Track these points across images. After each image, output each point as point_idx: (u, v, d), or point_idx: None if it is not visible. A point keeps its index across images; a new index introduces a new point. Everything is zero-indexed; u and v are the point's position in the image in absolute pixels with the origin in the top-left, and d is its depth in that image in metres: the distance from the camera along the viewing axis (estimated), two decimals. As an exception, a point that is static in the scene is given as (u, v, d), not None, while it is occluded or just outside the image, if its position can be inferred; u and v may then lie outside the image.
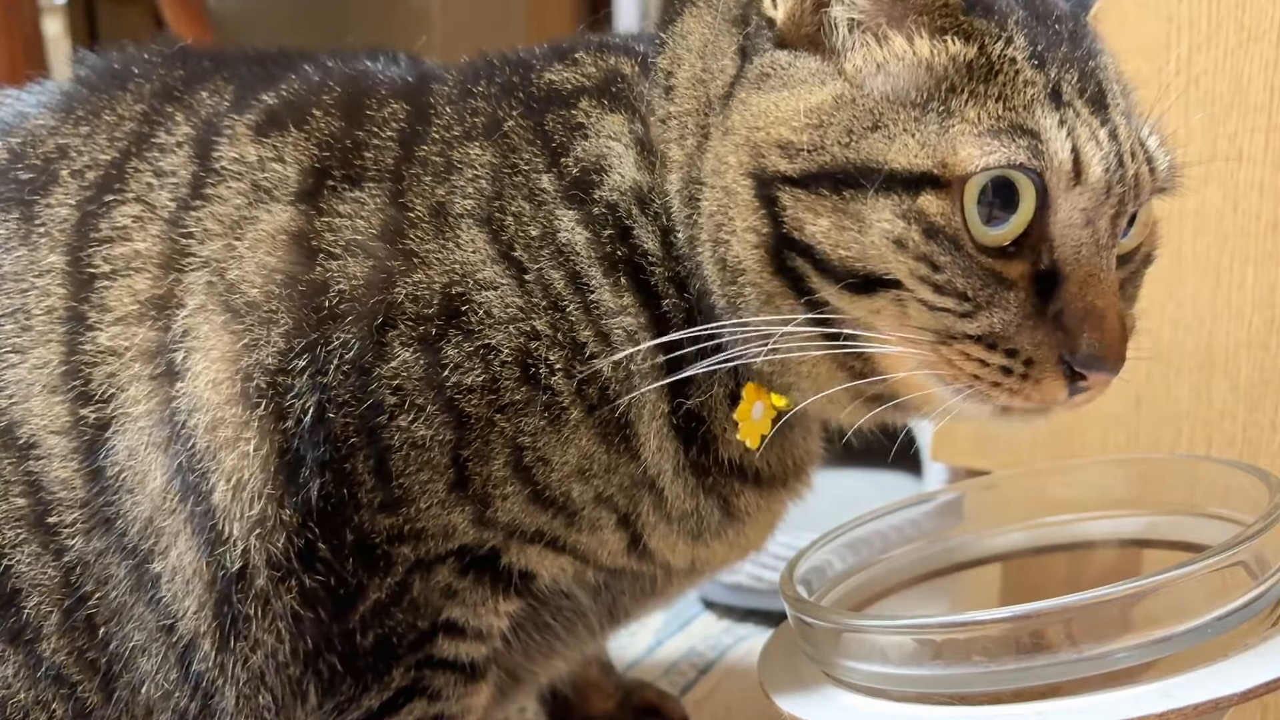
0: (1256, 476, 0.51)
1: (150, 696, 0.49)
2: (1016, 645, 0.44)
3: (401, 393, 0.46)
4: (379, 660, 0.50)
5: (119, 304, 0.47)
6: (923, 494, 0.64)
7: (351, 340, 0.46)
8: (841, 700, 0.49)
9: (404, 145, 0.49)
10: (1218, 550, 0.44)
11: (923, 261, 0.42)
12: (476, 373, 0.46)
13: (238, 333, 0.46)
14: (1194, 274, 0.66)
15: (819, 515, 0.89)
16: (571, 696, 0.69)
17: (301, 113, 0.50)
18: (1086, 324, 0.42)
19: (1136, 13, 0.66)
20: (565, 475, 0.48)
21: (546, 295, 0.47)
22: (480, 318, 0.46)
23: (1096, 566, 0.61)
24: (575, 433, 0.48)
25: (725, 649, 0.80)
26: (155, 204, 0.49)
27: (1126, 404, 0.69)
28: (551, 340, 0.47)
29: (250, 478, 0.46)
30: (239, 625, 0.47)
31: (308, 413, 0.46)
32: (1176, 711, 0.41)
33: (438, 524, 0.49)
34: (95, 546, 0.47)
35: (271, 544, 0.46)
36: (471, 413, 0.47)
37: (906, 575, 0.61)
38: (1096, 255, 0.43)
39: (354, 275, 0.46)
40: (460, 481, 0.48)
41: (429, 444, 0.47)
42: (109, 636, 0.48)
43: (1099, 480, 0.60)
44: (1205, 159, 0.65)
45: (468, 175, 0.48)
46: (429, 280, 0.46)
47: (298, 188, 0.48)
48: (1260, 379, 0.65)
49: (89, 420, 0.47)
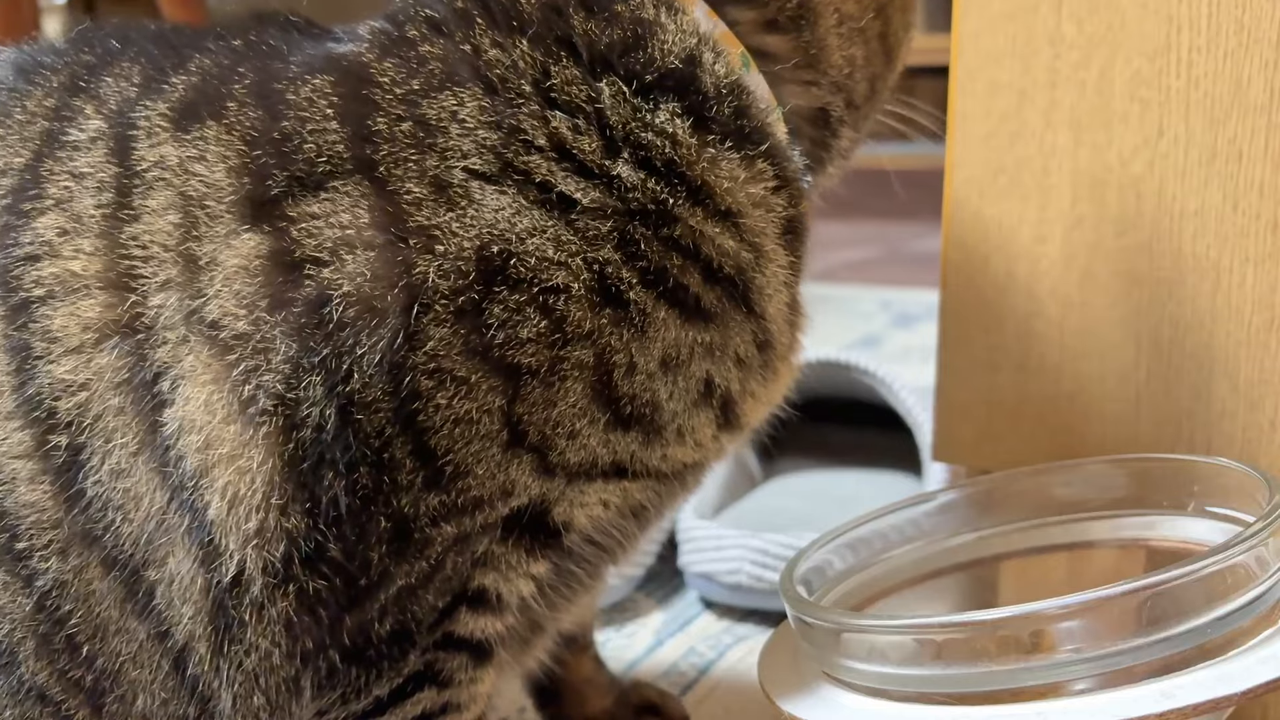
0: (1256, 476, 0.51)
1: (146, 707, 0.47)
2: (1017, 645, 0.44)
3: (439, 374, 0.43)
4: (394, 647, 0.48)
5: (66, 333, 0.44)
6: (923, 494, 0.64)
7: (378, 342, 0.43)
8: (841, 700, 0.49)
9: (350, 123, 0.45)
10: (1218, 550, 0.44)
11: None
12: (534, 321, 0.43)
13: (230, 363, 0.43)
14: (1194, 274, 0.66)
15: (819, 515, 0.89)
16: (569, 695, 0.69)
17: (217, 102, 0.46)
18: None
19: (1136, 13, 0.66)
20: (648, 374, 0.46)
21: (617, 207, 0.45)
22: (533, 265, 0.43)
23: (1096, 566, 0.61)
24: (664, 329, 0.45)
25: (725, 649, 0.80)
26: (79, 213, 0.45)
27: (1126, 404, 0.70)
28: (629, 255, 0.44)
29: (248, 493, 0.44)
30: (233, 630, 0.46)
31: (328, 419, 0.43)
32: (1176, 711, 0.41)
33: (495, 485, 0.46)
34: (73, 565, 0.45)
35: (269, 554, 0.44)
36: (528, 363, 0.44)
37: (906, 575, 0.61)
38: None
39: (357, 274, 0.43)
40: (516, 438, 0.45)
41: (475, 415, 0.44)
42: (93, 654, 0.46)
43: (1099, 480, 0.60)
44: (1205, 159, 0.65)
45: (456, 132, 0.45)
46: (458, 249, 0.43)
47: (237, 196, 0.44)
48: (1260, 379, 0.65)
49: (60, 445, 0.44)
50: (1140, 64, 0.66)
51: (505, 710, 0.72)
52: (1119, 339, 0.69)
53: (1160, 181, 0.67)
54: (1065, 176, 0.70)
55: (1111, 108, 0.68)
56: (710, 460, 0.54)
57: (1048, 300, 0.72)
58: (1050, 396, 0.72)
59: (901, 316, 1.86)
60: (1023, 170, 0.71)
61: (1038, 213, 0.71)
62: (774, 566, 0.81)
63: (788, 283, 0.50)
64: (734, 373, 0.49)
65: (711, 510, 0.92)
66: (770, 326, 0.49)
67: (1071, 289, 0.71)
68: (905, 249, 2.70)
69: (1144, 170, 0.67)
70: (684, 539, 0.88)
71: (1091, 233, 0.69)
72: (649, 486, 0.51)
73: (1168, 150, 0.66)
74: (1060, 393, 0.72)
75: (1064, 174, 0.70)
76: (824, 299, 2.03)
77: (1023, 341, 0.73)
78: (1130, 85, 0.67)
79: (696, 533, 0.87)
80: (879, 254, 2.64)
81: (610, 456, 0.48)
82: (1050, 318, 0.72)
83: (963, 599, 0.63)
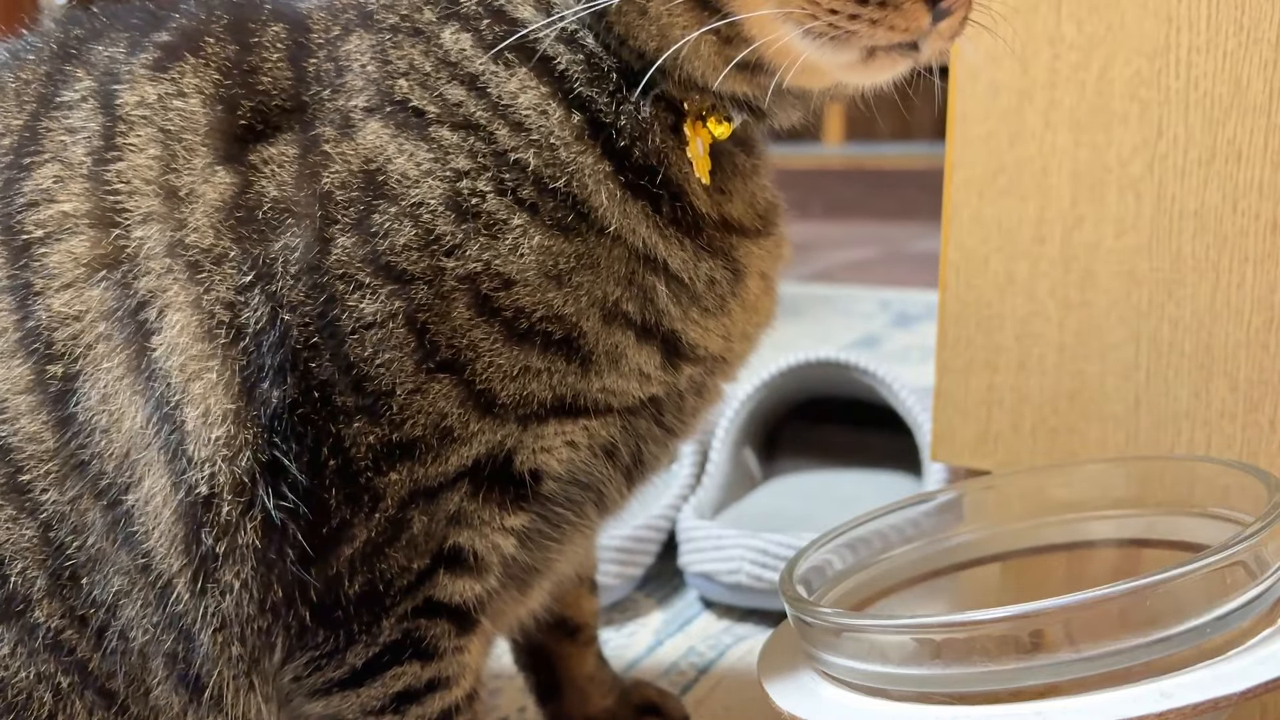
0: (1256, 476, 0.51)
1: (141, 643, 0.48)
2: (1016, 645, 0.44)
3: (347, 277, 0.47)
4: (366, 610, 0.49)
5: (62, 269, 0.48)
6: (923, 494, 0.65)
7: (296, 241, 0.47)
8: (841, 700, 0.49)
9: (293, 64, 0.50)
10: (1218, 550, 0.44)
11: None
12: (408, 230, 0.47)
13: (200, 280, 0.47)
14: (1193, 274, 0.66)
15: (819, 515, 0.89)
16: (571, 693, 0.69)
17: (195, 41, 0.51)
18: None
19: (1136, 13, 0.66)
20: (533, 286, 0.48)
21: (454, 122, 0.48)
22: (399, 179, 0.47)
23: (1096, 566, 0.61)
24: (524, 237, 0.47)
25: (725, 649, 0.80)
26: (71, 161, 0.50)
27: (1126, 404, 0.70)
28: (476, 168, 0.48)
29: (215, 403, 0.47)
30: (208, 565, 0.47)
31: (260, 322, 0.47)
32: (1176, 711, 0.41)
33: (427, 420, 0.48)
34: (69, 494, 0.48)
35: (235, 467, 0.47)
36: (412, 270, 0.47)
37: (906, 575, 0.62)
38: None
39: (281, 182, 0.48)
40: (427, 350, 0.47)
41: (381, 318, 0.47)
42: (91, 586, 0.48)
43: (1099, 480, 0.60)
44: (1204, 159, 0.65)
45: (354, 69, 0.50)
46: (348, 167, 0.48)
47: (210, 125, 0.49)
48: (1260, 379, 0.65)
49: (57, 375, 0.48)
50: (1140, 64, 0.67)
51: (505, 709, 0.72)
52: (1119, 339, 0.69)
53: (1160, 182, 0.67)
54: (1065, 176, 0.70)
55: (1111, 108, 0.68)
56: (687, 398, 0.54)
57: (1048, 300, 0.72)
58: (1050, 396, 0.72)
59: (901, 316, 1.86)
60: (1023, 170, 0.71)
61: (1038, 213, 0.71)
62: (774, 566, 0.81)
63: (637, 212, 0.49)
64: (622, 293, 0.49)
65: (711, 510, 0.92)
66: (635, 242, 0.49)
67: (1071, 289, 0.71)
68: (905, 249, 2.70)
69: (1143, 171, 0.67)
70: (684, 539, 0.88)
71: (1091, 233, 0.69)
72: (611, 423, 0.52)
73: (1167, 151, 0.66)
74: (1060, 393, 0.72)
75: (1064, 174, 0.70)
76: (824, 299, 2.03)
77: (1023, 341, 0.73)
78: (1130, 85, 0.67)
79: (696, 533, 0.87)
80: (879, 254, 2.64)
81: (547, 390, 0.49)
82: (1050, 318, 0.72)
83: (963, 599, 0.63)
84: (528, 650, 0.69)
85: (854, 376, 0.98)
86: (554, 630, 0.67)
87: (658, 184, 0.49)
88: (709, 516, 0.91)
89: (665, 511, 0.92)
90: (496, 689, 0.74)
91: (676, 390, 0.53)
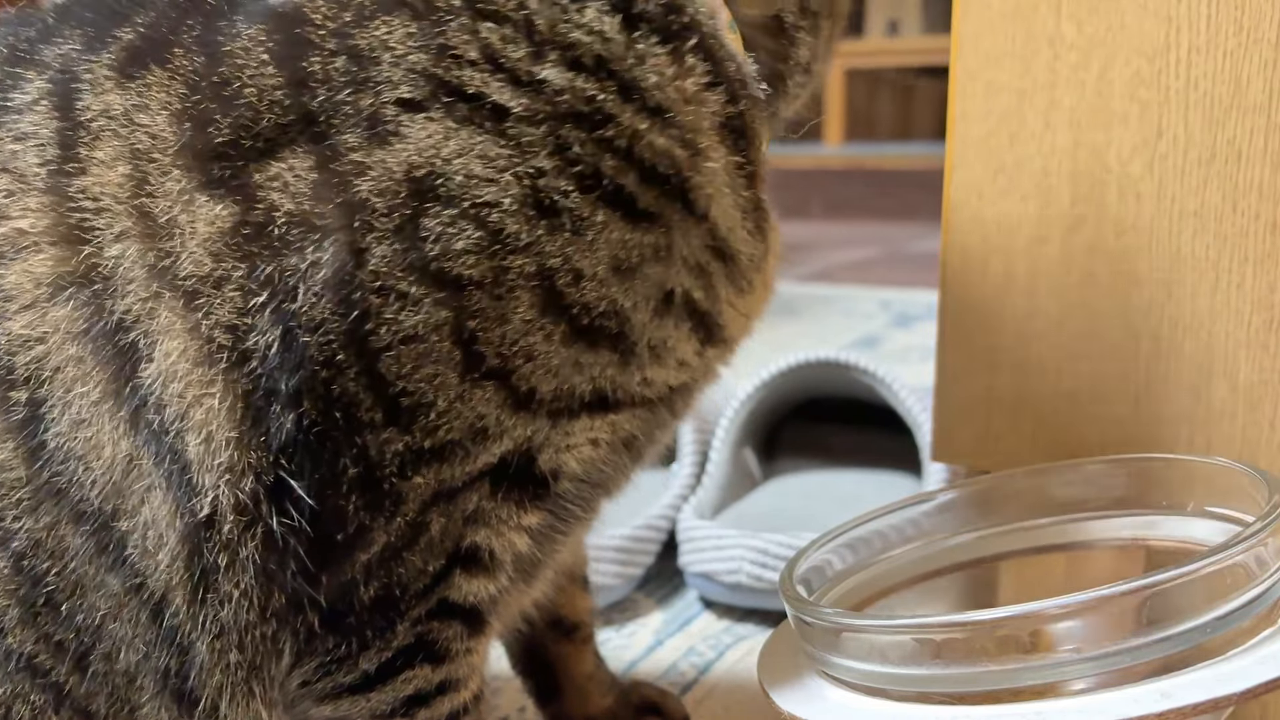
0: (1256, 476, 0.51)
1: (130, 662, 0.47)
2: (1016, 645, 0.44)
3: (384, 290, 0.44)
4: (378, 616, 0.48)
5: (20, 290, 0.45)
6: (923, 494, 0.64)
7: (320, 256, 0.44)
8: (841, 700, 0.49)
9: (283, 67, 0.45)
10: (1218, 550, 0.44)
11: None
12: (469, 233, 0.44)
13: (198, 305, 0.44)
14: (1193, 274, 0.66)
15: (819, 515, 0.89)
16: (571, 692, 0.69)
17: (163, 51, 0.47)
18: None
19: (1136, 13, 0.66)
20: (600, 280, 0.46)
21: (546, 114, 0.45)
22: (462, 180, 0.44)
23: (1096, 566, 0.61)
24: (604, 231, 0.46)
25: (725, 649, 0.80)
26: (24, 173, 0.46)
27: (1126, 404, 0.70)
28: (563, 163, 0.45)
29: (218, 428, 0.45)
30: (209, 577, 0.46)
31: (272, 346, 0.44)
32: (1176, 711, 0.41)
33: (463, 424, 0.46)
34: (45, 522, 0.45)
35: (239, 490, 0.45)
36: (469, 275, 0.44)
37: (906, 575, 0.61)
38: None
39: (299, 194, 0.44)
40: (472, 360, 0.45)
41: (424, 332, 0.44)
42: (73, 611, 0.46)
43: (1099, 480, 0.60)
44: (1204, 160, 0.65)
45: (385, 61, 0.45)
46: (389, 173, 0.44)
47: (179, 144, 0.45)
48: (1260, 379, 0.65)
49: (20, 401, 0.45)
50: (1139, 64, 0.67)
51: (505, 710, 0.72)
52: (1119, 339, 0.69)
53: (1159, 182, 0.67)
54: (1065, 177, 0.70)
55: (1111, 108, 0.68)
56: (699, 382, 0.54)
57: (1048, 300, 0.72)
58: (1050, 396, 0.72)
59: (901, 316, 1.86)
60: (1022, 170, 0.71)
61: (1037, 213, 0.71)
62: (774, 566, 0.81)
63: (734, 185, 0.49)
64: (693, 280, 0.49)
65: (711, 510, 0.92)
66: (721, 230, 0.49)
67: (1071, 289, 0.71)
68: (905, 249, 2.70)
69: (1143, 171, 0.67)
70: (684, 539, 0.88)
71: (1091, 233, 0.69)
72: (637, 415, 0.51)
73: (1167, 151, 0.66)
74: (1060, 393, 0.72)
75: (1064, 174, 0.70)
76: (824, 299, 2.03)
77: (1023, 341, 0.73)
78: (1129, 86, 0.67)
79: (696, 533, 0.87)
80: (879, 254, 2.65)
81: (588, 384, 0.48)
82: (1050, 318, 0.72)
83: (962, 599, 0.63)
84: (525, 654, 0.68)
85: (854, 376, 0.98)
86: (551, 630, 0.67)
87: (749, 163, 0.49)
88: (709, 516, 0.91)
89: (665, 511, 0.92)
90: (496, 689, 0.74)
91: (698, 376, 0.53)
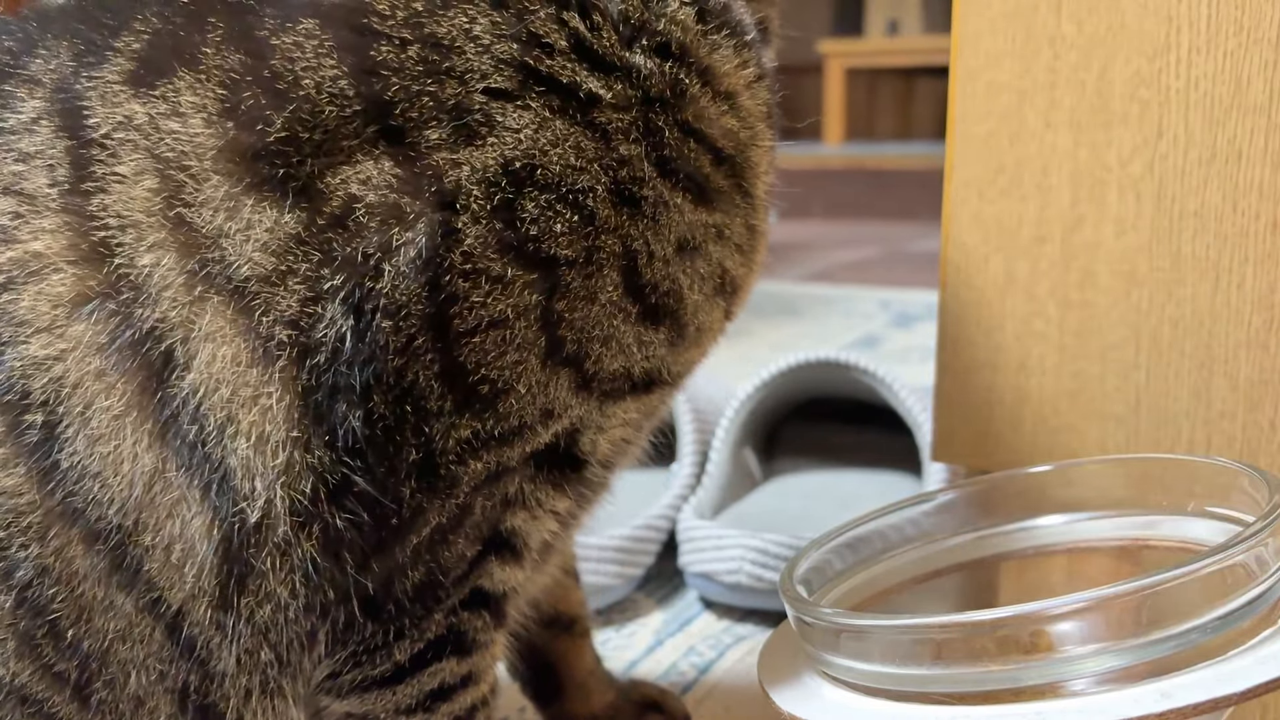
0: (1256, 476, 0.51)
1: (141, 684, 0.46)
2: (1016, 645, 0.44)
3: (475, 272, 0.43)
4: (418, 603, 0.47)
5: (36, 314, 0.43)
6: (923, 494, 0.64)
7: (415, 238, 0.43)
8: (841, 700, 0.49)
9: (345, 59, 0.44)
10: (1218, 550, 0.44)
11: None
12: (566, 215, 0.45)
13: (254, 306, 0.43)
14: (1193, 274, 0.66)
15: (819, 515, 0.89)
16: (572, 691, 0.69)
17: (186, 52, 0.44)
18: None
19: (1136, 13, 0.66)
20: (668, 260, 0.47)
21: (632, 100, 0.46)
22: (558, 172, 0.45)
23: (1096, 566, 0.61)
24: (678, 212, 0.47)
25: (725, 649, 0.80)
26: (33, 194, 0.44)
27: (1126, 404, 0.70)
28: (645, 150, 0.46)
29: (272, 430, 0.43)
30: (247, 582, 0.44)
31: (344, 338, 0.43)
32: (1176, 711, 0.41)
33: (537, 409, 0.46)
34: (54, 547, 0.44)
35: (295, 492, 0.43)
36: (564, 254, 0.45)
37: (906, 575, 0.61)
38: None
39: (382, 185, 0.43)
40: (554, 345, 0.46)
41: (512, 317, 0.44)
42: (78, 639, 0.45)
43: (1099, 480, 0.60)
44: (1205, 160, 0.65)
45: (469, 51, 0.44)
46: (483, 163, 0.44)
47: (220, 146, 0.43)
48: (1260, 379, 0.65)
49: (35, 423, 0.43)
50: (1140, 64, 0.67)
51: (505, 710, 0.72)
52: (1119, 339, 0.69)
53: (1160, 182, 0.67)
54: (1065, 176, 0.70)
55: (1111, 108, 0.68)
56: None
57: (1048, 300, 0.72)
58: (1050, 396, 0.72)
59: (901, 316, 1.86)
60: (1022, 170, 0.71)
61: (1038, 213, 0.71)
62: (774, 566, 0.81)
63: (768, 168, 0.52)
64: (736, 259, 0.51)
65: (711, 510, 0.92)
66: (758, 208, 0.51)
67: (1071, 289, 0.71)
68: (905, 249, 2.70)
69: (1143, 170, 0.67)
70: (684, 539, 0.88)
71: (1091, 233, 0.69)
72: (665, 398, 0.53)
73: (1167, 151, 0.66)
74: (1060, 393, 0.72)
75: (1064, 174, 0.70)
76: (824, 299, 2.03)
77: (1023, 341, 0.73)
78: (1130, 85, 0.67)
79: (696, 533, 0.87)
80: (879, 254, 2.64)
81: (642, 364, 0.48)
82: (1050, 318, 0.72)
83: (962, 599, 0.63)
84: (524, 657, 0.68)
85: (854, 376, 0.98)
86: (549, 628, 0.67)
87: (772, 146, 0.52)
88: (709, 516, 0.91)
89: (665, 511, 0.92)
90: (496, 689, 0.74)
91: (700, 356, 0.54)
